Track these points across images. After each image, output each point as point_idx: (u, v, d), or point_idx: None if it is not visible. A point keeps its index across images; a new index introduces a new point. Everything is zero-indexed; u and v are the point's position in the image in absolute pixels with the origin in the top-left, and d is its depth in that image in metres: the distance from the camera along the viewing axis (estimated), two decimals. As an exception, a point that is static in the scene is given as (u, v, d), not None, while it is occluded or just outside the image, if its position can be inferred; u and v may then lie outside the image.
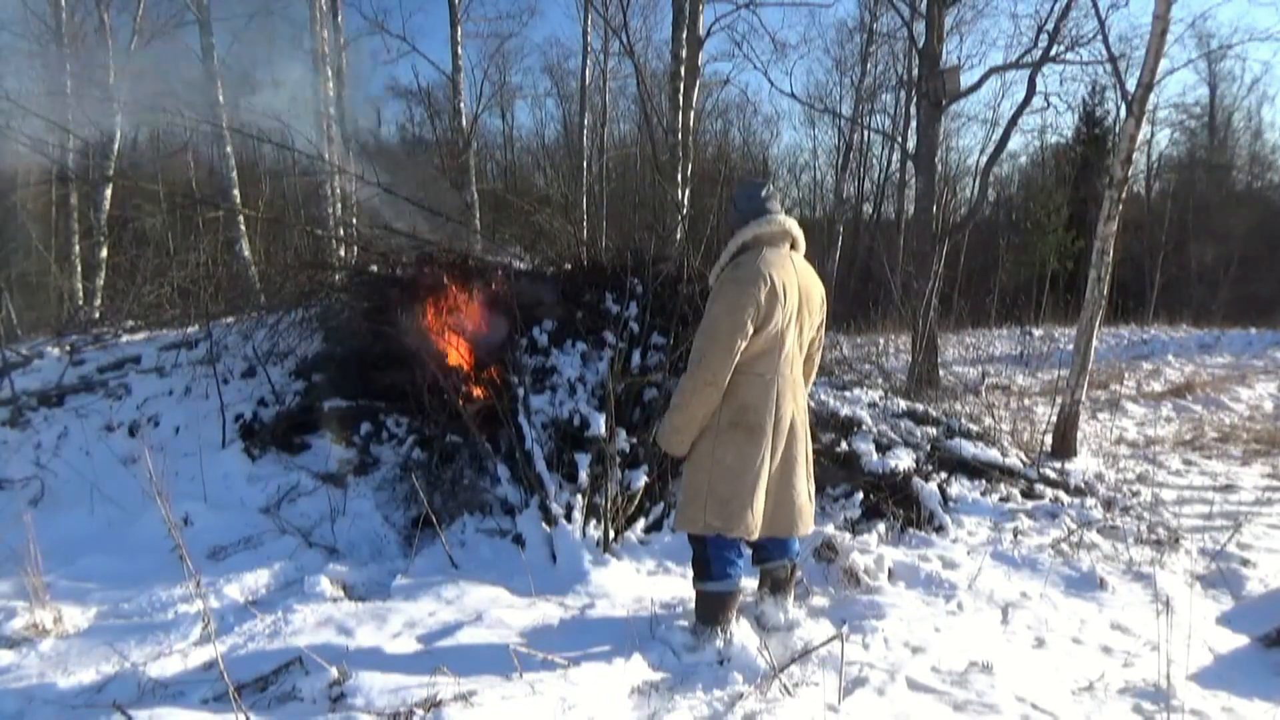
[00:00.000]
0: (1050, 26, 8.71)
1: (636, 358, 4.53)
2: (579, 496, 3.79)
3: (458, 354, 4.72)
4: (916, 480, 4.33)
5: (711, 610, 2.75)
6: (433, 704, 2.33)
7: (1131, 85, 5.64)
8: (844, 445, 4.58)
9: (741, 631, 2.76)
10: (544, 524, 3.68)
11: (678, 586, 3.36)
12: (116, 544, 3.74)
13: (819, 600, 3.21)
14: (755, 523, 2.68)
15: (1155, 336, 13.67)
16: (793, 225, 2.77)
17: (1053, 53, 8.82)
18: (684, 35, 9.20)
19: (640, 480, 3.90)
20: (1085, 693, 2.58)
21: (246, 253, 10.20)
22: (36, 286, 10.07)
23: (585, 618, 3.05)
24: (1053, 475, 4.88)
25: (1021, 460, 5.05)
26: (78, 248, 10.53)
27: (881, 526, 4.02)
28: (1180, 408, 8.21)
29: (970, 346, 12.63)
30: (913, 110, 17.81)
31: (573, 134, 19.56)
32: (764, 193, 2.78)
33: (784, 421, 2.71)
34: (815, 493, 2.95)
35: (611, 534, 3.67)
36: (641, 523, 3.90)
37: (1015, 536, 4.01)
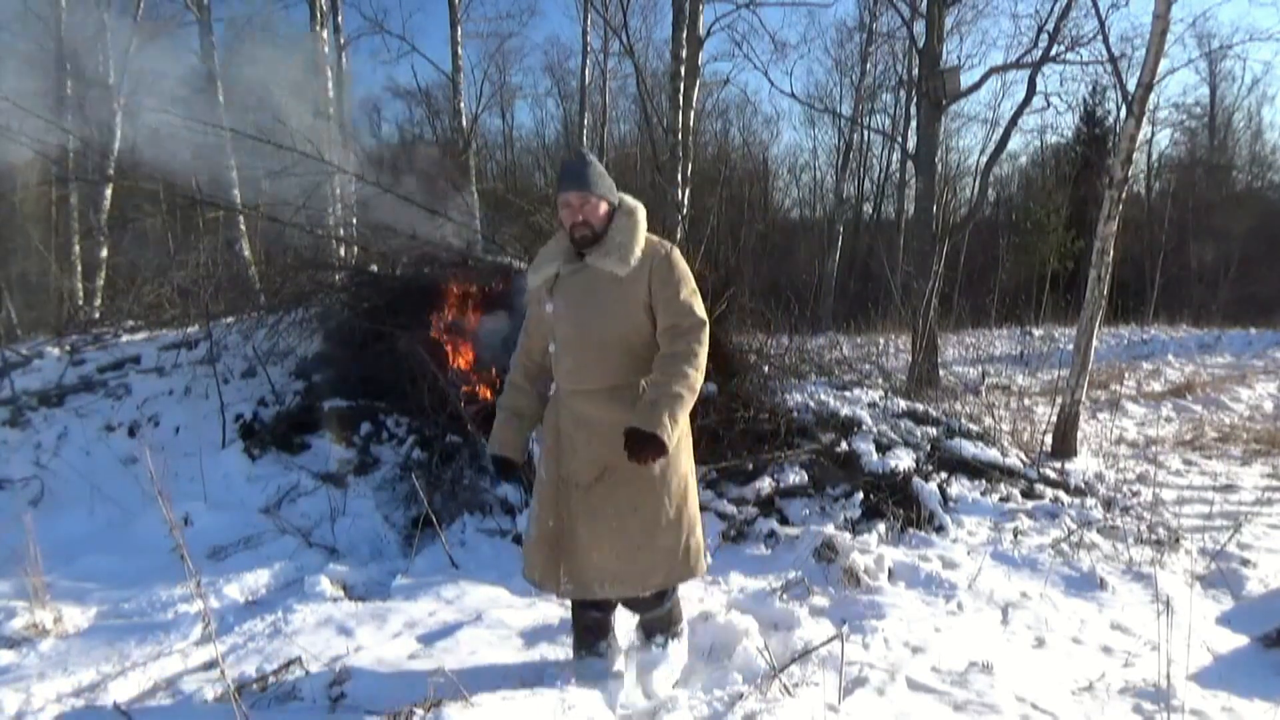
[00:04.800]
0: (1050, 26, 8.72)
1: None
2: (579, 496, 3.79)
3: (458, 354, 4.72)
4: (916, 480, 4.33)
5: (679, 611, 2.63)
6: (433, 704, 2.33)
7: (1132, 85, 5.65)
8: (844, 445, 4.58)
9: (742, 631, 2.76)
10: (544, 524, 3.68)
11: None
12: (116, 544, 3.74)
13: (819, 600, 3.21)
14: None
15: (1155, 336, 13.67)
16: None
17: (1053, 53, 8.83)
18: (684, 35, 9.20)
19: (640, 480, 3.89)
20: (1085, 693, 2.58)
21: (246, 253, 10.20)
22: (36, 286, 10.06)
23: (585, 618, 3.05)
24: (1053, 475, 4.88)
25: (1021, 460, 5.05)
26: (78, 248, 10.52)
27: (881, 526, 4.02)
28: (1180, 408, 8.21)
29: (970, 346, 12.63)
30: (913, 110, 17.84)
31: (573, 134, 19.59)
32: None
33: None
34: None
35: (611, 534, 3.66)
36: (641, 523, 3.89)
37: (1015, 536, 4.00)
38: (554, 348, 2.40)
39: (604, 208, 2.37)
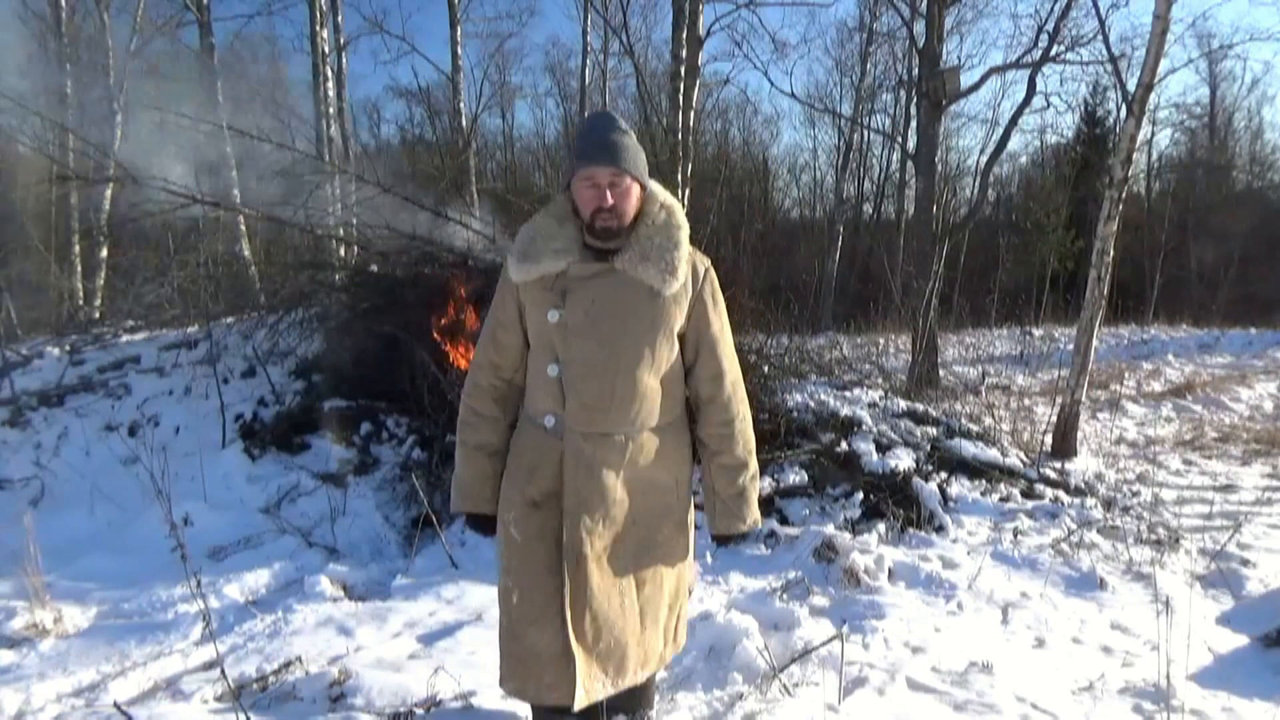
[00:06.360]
0: (1050, 26, 8.72)
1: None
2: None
3: (458, 354, 4.72)
4: (916, 480, 4.33)
5: (653, 690, 2.24)
6: (433, 704, 2.34)
7: (1132, 85, 5.65)
8: (844, 445, 4.58)
9: (742, 631, 2.76)
10: (544, 524, 3.67)
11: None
12: (116, 544, 3.74)
13: (819, 600, 3.21)
14: None
15: (1155, 336, 13.68)
16: None
17: (1053, 53, 8.83)
18: (684, 35, 9.19)
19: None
20: (1085, 693, 2.58)
21: (246, 253, 10.20)
22: (36, 286, 10.06)
23: (585, 618, 3.05)
24: (1053, 475, 4.88)
25: (1021, 460, 5.05)
26: (78, 248, 10.53)
27: (881, 526, 4.02)
28: (1180, 408, 8.21)
29: (970, 346, 12.63)
30: (913, 110, 17.82)
31: (573, 134, 19.54)
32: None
33: None
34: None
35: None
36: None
37: (1015, 536, 4.00)
38: (556, 372, 1.85)
39: (637, 193, 1.85)
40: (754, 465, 1.98)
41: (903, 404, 5.50)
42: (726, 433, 1.94)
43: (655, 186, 1.92)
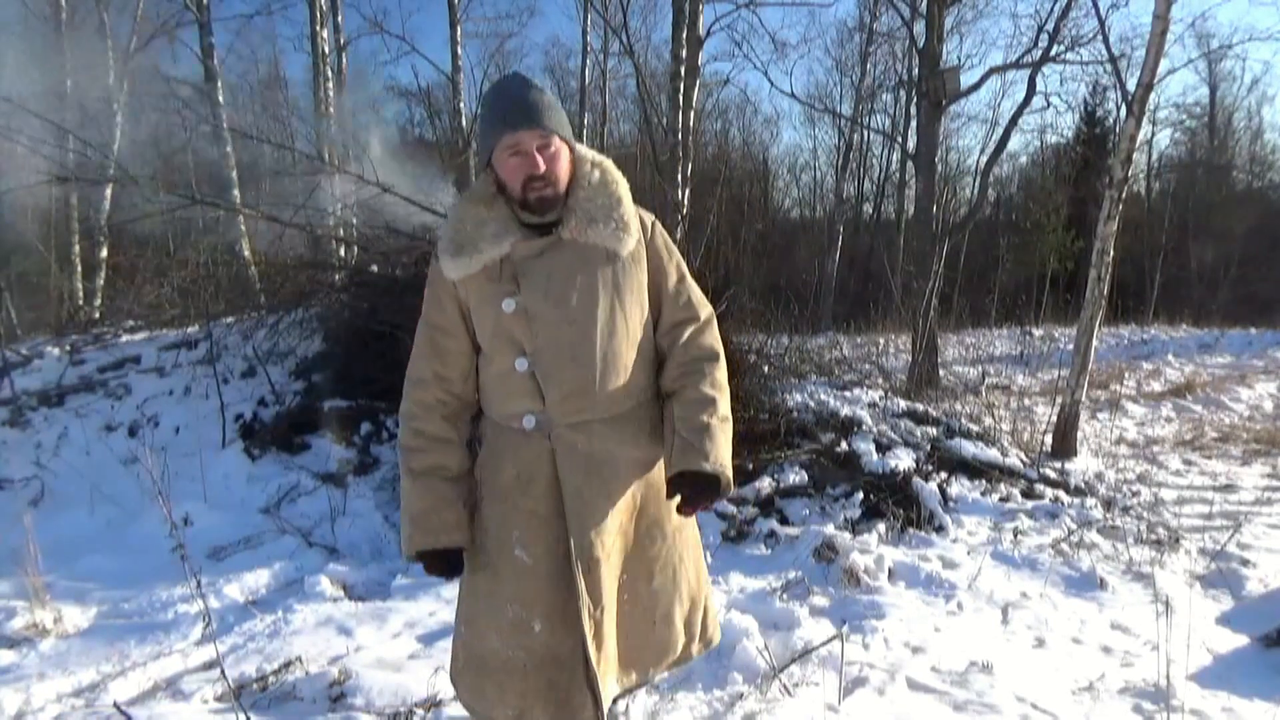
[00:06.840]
0: (1050, 26, 8.72)
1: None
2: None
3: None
4: (916, 480, 4.33)
5: None
6: (433, 704, 2.34)
7: (1132, 85, 5.65)
8: (844, 445, 4.58)
9: (742, 631, 2.76)
10: (544, 524, 3.67)
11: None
12: (116, 544, 3.74)
13: (819, 600, 3.21)
14: None
15: (1155, 336, 13.67)
16: None
17: (1053, 53, 8.83)
18: (684, 35, 9.19)
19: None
20: (1085, 693, 2.58)
21: (246, 253, 10.21)
22: (36, 286, 10.06)
23: (585, 618, 3.05)
24: (1053, 475, 4.88)
25: (1021, 460, 5.05)
26: (78, 248, 10.53)
27: (881, 526, 4.02)
28: (1180, 408, 8.21)
29: (970, 346, 12.62)
30: (913, 110, 17.83)
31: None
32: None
33: None
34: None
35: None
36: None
37: (1015, 536, 4.00)
38: (527, 365, 1.66)
39: (568, 155, 1.68)
40: (725, 408, 1.70)
41: (903, 404, 5.50)
42: (690, 369, 1.73)
43: (581, 147, 1.74)
